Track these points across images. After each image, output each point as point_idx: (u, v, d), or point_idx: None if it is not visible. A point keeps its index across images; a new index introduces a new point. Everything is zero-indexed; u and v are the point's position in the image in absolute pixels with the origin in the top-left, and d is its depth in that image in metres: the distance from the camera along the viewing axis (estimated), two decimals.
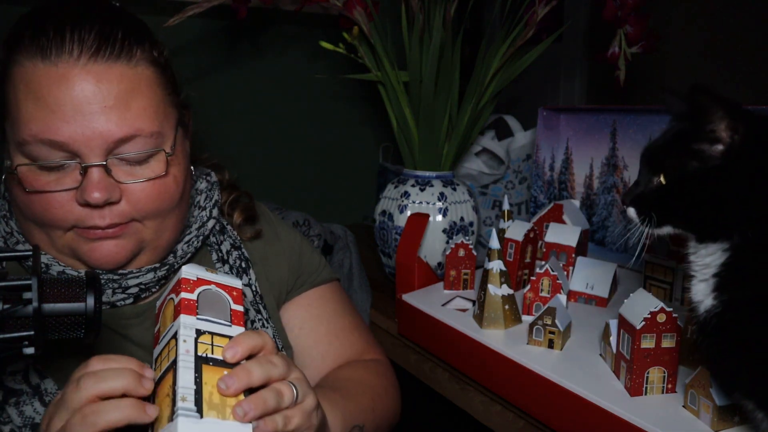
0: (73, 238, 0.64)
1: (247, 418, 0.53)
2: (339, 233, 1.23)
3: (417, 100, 1.07)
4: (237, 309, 0.62)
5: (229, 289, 0.64)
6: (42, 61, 0.61)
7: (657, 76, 1.59)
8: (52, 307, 0.50)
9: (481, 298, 0.85)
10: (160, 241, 0.69)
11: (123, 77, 0.63)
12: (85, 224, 0.63)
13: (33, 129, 0.60)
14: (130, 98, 0.63)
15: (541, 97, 2.21)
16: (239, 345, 0.57)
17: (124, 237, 0.65)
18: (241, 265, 0.80)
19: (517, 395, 0.78)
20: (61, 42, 0.61)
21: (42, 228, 0.64)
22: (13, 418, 0.63)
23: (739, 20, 1.46)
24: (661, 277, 0.92)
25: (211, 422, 0.53)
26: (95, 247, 0.64)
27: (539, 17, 1.08)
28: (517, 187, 1.34)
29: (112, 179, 0.63)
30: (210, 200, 0.79)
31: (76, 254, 0.65)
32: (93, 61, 0.61)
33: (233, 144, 1.50)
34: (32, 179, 0.62)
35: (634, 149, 1.05)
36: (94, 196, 0.61)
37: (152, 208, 0.66)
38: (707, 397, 0.61)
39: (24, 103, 0.61)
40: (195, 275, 0.62)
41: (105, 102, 0.61)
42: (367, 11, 1.06)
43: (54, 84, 0.60)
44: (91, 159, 0.62)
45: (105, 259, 0.65)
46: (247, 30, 1.49)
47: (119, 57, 0.63)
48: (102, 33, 0.62)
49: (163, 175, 0.66)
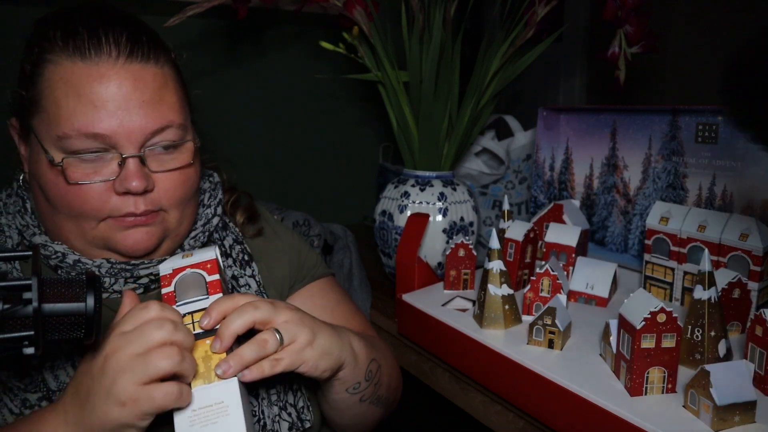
0: (106, 228, 0.68)
1: (228, 374, 0.60)
2: (339, 233, 1.23)
3: (417, 100, 1.07)
4: (212, 279, 0.67)
5: (203, 265, 0.69)
6: (82, 60, 0.65)
7: (657, 76, 1.59)
8: (52, 307, 0.50)
9: (481, 298, 0.85)
10: (180, 230, 0.74)
11: (155, 76, 0.68)
12: (121, 212, 0.67)
13: (76, 124, 0.64)
14: (162, 94, 0.68)
15: (541, 97, 2.21)
16: (212, 310, 0.63)
17: (154, 225, 0.70)
18: (244, 258, 0.83)
19: (517, 395, 0.78)
20: (98, 43, 0.65)
21: (75, 220, 0.67)
22: (48, 382, 0.67)
23: (739, 20, 1.46)
24: (661, 277, 0.92)
25: (200, 390, 0.60)
26: (128, 235, 0.69)
27: (539, 17, 1.08)
28: (517, 187, 1.34)
29: (147, 169, 0.68)
30: (214, 198, 0.83)
31: (108, 243, 0.69)
32: (129, 61, 0.66)
33: (233, 144, 1.50)
34: (73, 171, 0.66)
35: (634, 149, 1.05)
36: (134, 185, 0.66)
37: (179, 196, 0.71)
38: (707, 397, 0.61)
39: (64, 100, 0.64)
40: (170, 268, 0.69)
41: (143, 97, 0.66)
42: (367, 11, 1.07)
43: (96, 82, 0.65)
44: (129, 150, 0.66)
45: (138, 245, 0.69)
46: (248, 30, 1.49)
47: (149, 58, 0.68)
48: (131, 37, 0.67)
49: (191, 164, 0.72)
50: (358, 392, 0.75)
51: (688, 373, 0.68)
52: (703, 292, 0.71)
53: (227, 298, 0.65)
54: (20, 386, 0.66)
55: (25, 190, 0.75)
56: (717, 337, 0.71)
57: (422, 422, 1.58)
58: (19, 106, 0.69)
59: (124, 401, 0.55)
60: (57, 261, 0.69)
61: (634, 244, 1.07)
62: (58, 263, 0.69)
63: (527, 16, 1.09)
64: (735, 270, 0.81)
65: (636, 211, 1.06)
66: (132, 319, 0.59)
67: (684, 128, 0.96)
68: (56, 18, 0.68)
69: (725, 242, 0.84)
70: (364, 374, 0.75)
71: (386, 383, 0.82)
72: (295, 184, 1.63)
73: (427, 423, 1.59)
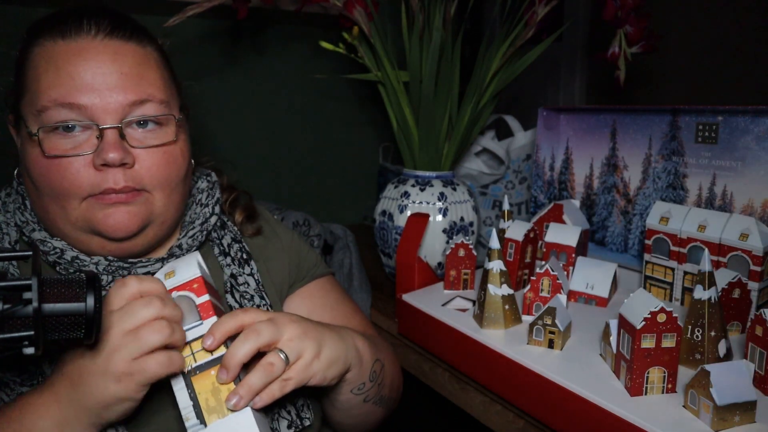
0: (87, 208, 0.67)
1: (239, 406, 0.59)
2: (339, 233, 1.23)
3: (417, 100, 1.07)
4: (202, 301, 0.63)
5: (189, 285, 0.65)
6: (63, 39, 0.66)
7: (657, 76, 1.59)
8: (52, 307, 0.50)
9: (481, 298, 0.85)
10: (166, 216, 0.73)
11: (136, 53, 0.69)
12: (101, 188, 0.66)
13: (53, 95, 0.65)
14: (142, 70, 0.69)
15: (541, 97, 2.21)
16: (216, 332, 0.62)
17: (136, 204, 0.69)
18: (242, 257, 0.83)
19: (517, 395, 0.78)
20: (79, 24, 0.67)
21: (57, 200, 0.67)
22: (46, 373, 0.67)
23: (739, 20, 1.46)
24: (661, 277, 0.92)
25: (216, 425, 0.58)
26: (109, 214, 0.67)
27: (539, 17, 1.08)
28: (517, 187, 1.34)
29: (126, 143, 0.67)
30: (212, 198, 0.83)
31: (90, 224, 0.68)
32: (109, 38, 0.67)
33: (233, 144, 1.50)
34: (51, 145, 0.65)
35: (634, 149, 1.05)
36: (111, 156, 0.65)
37: (162, 175, 0.70)
38: (707, 397, 0.61)
39: (44, 75, 0.65)
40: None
41: (121, 70, 0.67)
42: (367, 11, 1.06)
43: (74, 56, 0.66)
44: (107, 122, 0.66)
45: (118, 225, 0.68)
46: (248, 30, 1.49)
47: (131, 38, 0.69)
48: (114, 21, 0.69)
49: (173, 141, 0.71)
50: (362, 393, 0.75)
51: (688, 373, 0.68)
52: (703, 292, 0.71)
53: (229, 318, 0.63)
54: (17, 380, 0.66)
55: (20, 183, 0.75)
56: (717, 337, 0.71)
57: (422, 422, 1.58)
58: (12, 95, 0.70)
59: (119, 377, 0.57)
60: (56, 257, 0.69)
61: (634, 244, 1.07)
62: (57, 259, 0.69)
63: (527, 16, 1.09)
64: (735, 270, 0.81)
65: (636, 211, 1.06)
66: (117, 298, 0.60)
67: (684, 128, 0.96)
68: (49, 15, 0.70)
69: (725, 242, 0.84)
70: (369, 375, 0.75)
71: (389, 383, 0.82)
72: (295, 184, 1.63)
73: (427, 423, 1.59)
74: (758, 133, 0.87)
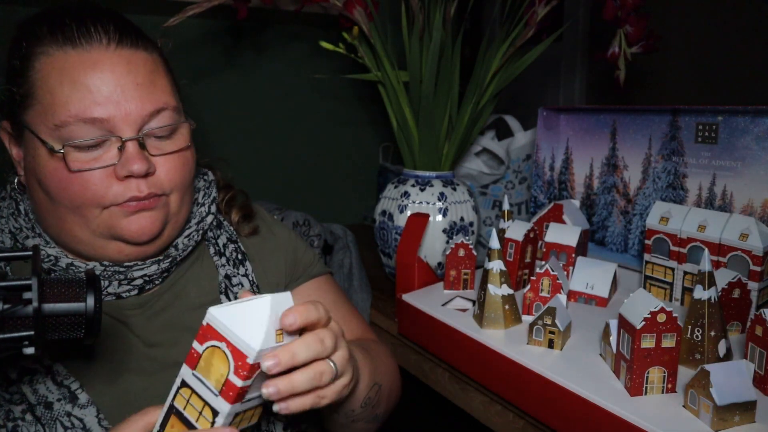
0: (109, 216, 0.67)
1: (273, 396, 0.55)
2: (339, 233, 1.23)
3: (417, 100, 1.07)
4: (233, 381, 0.54)
5: (237, 354, 0.54)
6: (73, 49, 0.65)
7: (657, 76, 1.59)
8: (52, 307, 0.50)
9: (481, 298, 0.85)
10: (180, 216, 0.74)
11: (146, 60, 0.69)
12: (124, 198, 0.67)
13: (72, 110, 0.64)
14: (154, 77, 0.69)
15: (541, 97, 2.21)
16: (299, 314, 0.56)
17: (156, 209, 0.70)
18: (238, 257, 0.83)
19: (517, 395, 0.78)
20: (87, 32, 0.66)
21: (77, 210, 0.67)
22: (27, 396, 0.66)
23: (739, 20, 1.46)
24: (661, 277, 0.92)
25: None
26: (133, 220, 0.68)
27: (539, 17, 1.08)
28: (517, 187, 1.34)
29: (146, 152, 0.68)
30: (208, 197, 0.82)
31: (112, 231, 0.68)
32: (120, 47, 0.67)
33: (233, 144, 1.50)
34: (73, 158, 0.65)
35: (634, 149, 1.05)
36: (136, 168, 0.66)
37: (180, 179, 0.72)
38: (707, 397, 0.61)
39: (59, 88, 0.64)
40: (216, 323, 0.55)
41: (136, 80, 0.67)
42: (367, 11, 1.06)
43: (89, 68, 0.65)
44: (127, 134, 0.66)
45: (142, 230, 0.68)
46: (248, 30, 1.49)
47: (138, 45, 0.69)
48: (119, 25, 0.68)
49: (188, 147, 0.73)
50: (351, 416, 0.76)
51: (688, 373, 0.68)
52: (703, 292, 0.71)
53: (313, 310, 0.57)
54: (6, 397, 0.66)
55: (20, 193, 0.74)
56: (717, 337, 0.71)
57: (422, 422, 1.58)
58: (10, 103, 0.68)
59: None
60: (50, 264, 0.69)
61: (634, 244, 1.07)
62: (51, 267, 0.69)
63: (527, 16, 1.09)
64: (735, 270, 0.81)
65: (636, 211, 1.06)
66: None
67: (684, 128, 0.96)
68: (40, 16, 0.69)
69: (725, 242, 0.84)
70: (361, 402, 0.75)
71: (385, 401, 0.81)
72: (295, 184, 1.63)
73: (427, 423, 1.59)
74: (758, 133, 0.87)
